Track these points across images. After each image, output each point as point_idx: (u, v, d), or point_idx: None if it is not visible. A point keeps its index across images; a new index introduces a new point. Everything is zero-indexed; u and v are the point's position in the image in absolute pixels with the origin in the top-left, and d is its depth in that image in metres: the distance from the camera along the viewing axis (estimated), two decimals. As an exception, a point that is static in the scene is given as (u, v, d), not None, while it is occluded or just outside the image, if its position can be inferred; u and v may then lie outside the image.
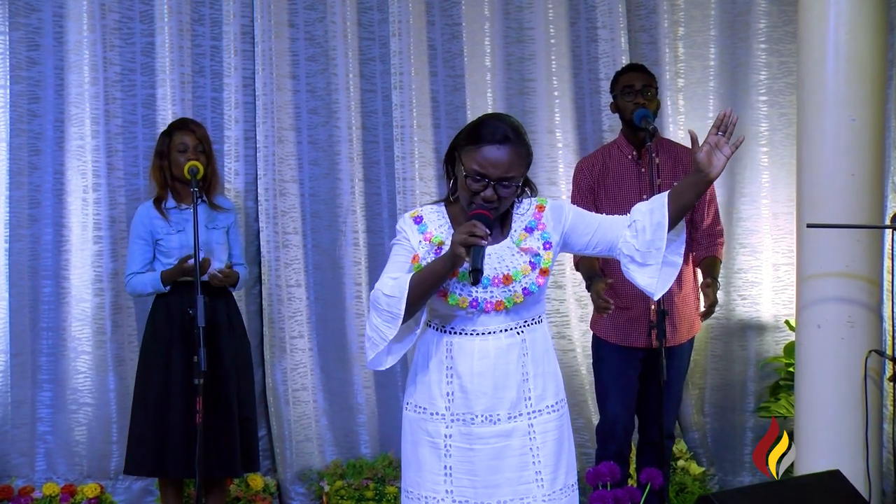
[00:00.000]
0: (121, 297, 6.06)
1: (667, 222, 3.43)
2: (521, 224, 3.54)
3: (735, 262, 6.45)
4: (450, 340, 3.52)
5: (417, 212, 3.59)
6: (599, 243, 3.56)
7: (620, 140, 5.31)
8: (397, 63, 6.28)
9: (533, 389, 3.53)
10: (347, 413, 6.41)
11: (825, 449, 4.84)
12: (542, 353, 3.57)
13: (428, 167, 6.35)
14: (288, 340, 6.26)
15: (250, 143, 6.24)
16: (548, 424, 3.55)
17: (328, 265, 6.38)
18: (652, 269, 3.48)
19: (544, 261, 3.50)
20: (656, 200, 3.49)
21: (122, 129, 6.12)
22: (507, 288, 3.46)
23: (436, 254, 3.48)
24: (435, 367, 3.54)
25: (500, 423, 3.49)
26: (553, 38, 6.45)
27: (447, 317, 3.53)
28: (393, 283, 3.39)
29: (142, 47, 6.14)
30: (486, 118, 3.48)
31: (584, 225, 3.56)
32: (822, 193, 4.84)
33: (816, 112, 4.86)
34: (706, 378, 6.54)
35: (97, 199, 6.06)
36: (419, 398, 3.58)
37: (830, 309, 4.84)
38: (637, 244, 3.48)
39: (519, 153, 3.39)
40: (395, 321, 3.38)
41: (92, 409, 6.12)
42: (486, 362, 3.48)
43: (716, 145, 3.39)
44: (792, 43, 6.20)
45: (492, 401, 3.48)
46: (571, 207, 3.60)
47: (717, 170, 3.40)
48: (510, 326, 3.51)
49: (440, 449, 3.52)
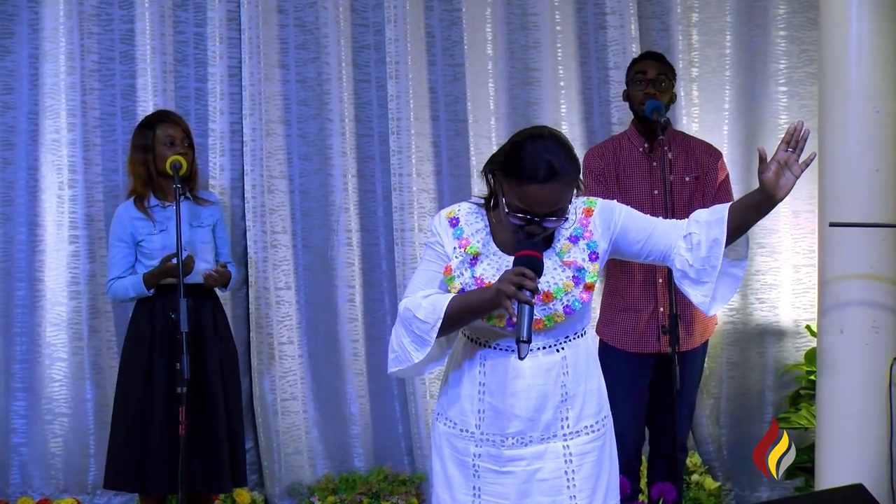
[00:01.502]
0: (99, 301, 6.06)
1: (724, 239, 3.34)
2: (566, 233, 3.43)
3: (753, 263, 6.43)
4: (484, 354, 3.46)
5: (454, 211, 3.49)
6: (652, 252, 3.47)
7: (631, 131, 5.32)
8: (393, 51, 6.27)
9: (571, 410, 3.46)
10: (340, 424, 6.41)
11: (848, 462, 4.82)
12: (584, 369, 3.50)
13: (426, 162, 6.36)
14: (277, 347, 6.26)
15: (236, 137, 6.23)
16: (586, 446, 3.49)
17: (319, 267, 6.38)
18: (707, 287, 3.39)
19: (589, 275, 3.39)
20: (716, 213, 3.40)
21: (100, 122, 6.13)
22: (547, 306, 3.36)
23: (470, 266, 3.41)
24: (468, 381, 3.49)
25: (532, 445, 3.44)
26: (559, 25, 6.45)
27: (483, 331, 3.46)
28: (427, 306, 3.33)
29: (121, 34, 6.14)
30: (524, 143, 3.29)
31: (635, 231, 3.46)
32: (846, 190, 4.84)
33: (839, 103, 4.85)
34: (722, 387, 6.54)
35: (73, 196, 6.06)
36: (451, 412, 3.54)
37: (854, 313, 4.84)
38: (691, 259, 3.40)
39: (567, 182, 3.27)
40: (424, 346, 3.35)
41: (68, 420, 6.12)
42: (522, 382, 3.41)
43: (785, 163, 3.27)
44: (813, 30, 6.20)
45: (526, 424, 3.43)
46: (623, 209, 3.48)
47: (785, 191, 3.29)
48: (549, 344, 3.43)
49: (469, 468, 3.49)
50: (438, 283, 3.44)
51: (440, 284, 3.43)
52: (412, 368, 3.43)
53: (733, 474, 6.50)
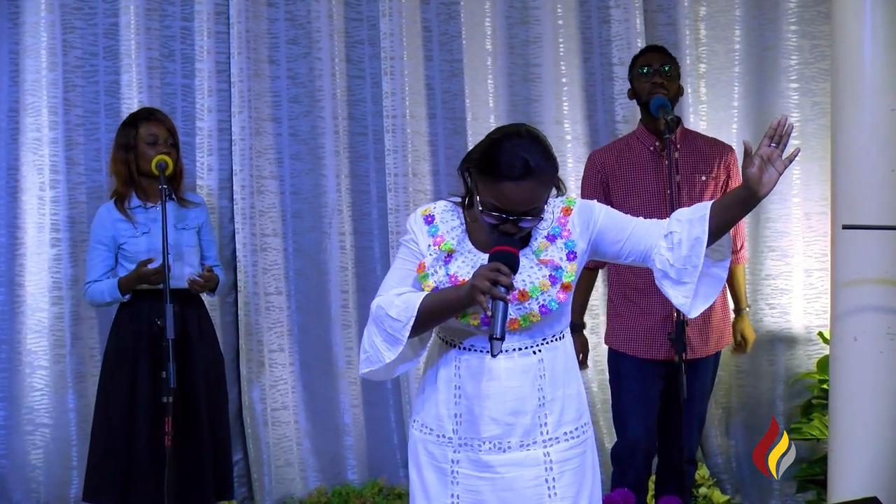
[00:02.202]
0: (81, 307, 6.04)
1: (706, 238, 3.36)
2: (543, 231, 3.46)
3: (763, 267, 6.45)
4: (458, 357, 3.49)
5: (430, 209, 3.54)
6: (632, 252, 3.49)
7: (640, 130, 5.30)
8: (388, 46, 6.27)
9: (550, 415, 3.47)
10: (333, 435, 6.40)
11: (862, 474, 4.82)
12: (562, 373, 3.51)
13: (422, 162, 6.35)
14: (266, 354, 6.26)
15: (225, 136, 6.23)
16: (567, 453, 3.49)
17: (311, 271, 6.38)
18: (687, 287, 3.41)
19: (566, 274, 3.42)
20: (697, 211, 3.42)
21: (83, 120, 6.12)
22: (523, 305, 3.39)
23: (444, 263, 3.44)
24: (443, 385, 3.52)
25: (511, 452, 3.46)
26: (561, 19, 6.45)
27: (457, 331, 3.49)
28: (399, 304, 3.36)
29: (105, 29, 6.14)
30: (501, 140, 3.31)
31: (615, 231, 3.48)
32: (860, 191, 4.83)
33: (852, 100, 4.85)
34: (731, 396, 6.54)
35: (55, 197, 6.05)
36: (426, 417, 3.56)
37: (868, 319, 4.83)
38: (672, 259, 3.42)
39: (544, 181, 3.29)
40: (396, 346, 3.38)
41: (49, 431, 6.10)
42: (497, 385, 3.44)
43: (768, 159, 3.30)
44: (825, 24, 6.20)
45: (502, 427, 3.44)
46: (602, 209, 3.51)
47: (768, 187, 3.32)
48: (526, 345, 3.46)
49: (447, 475, 3.51)
50: (412, 282, 3.47)
51: (414, 283, 3.46)
52: (384, 369, 3.46)
53: (743, 487, 6.48)
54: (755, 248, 6.39)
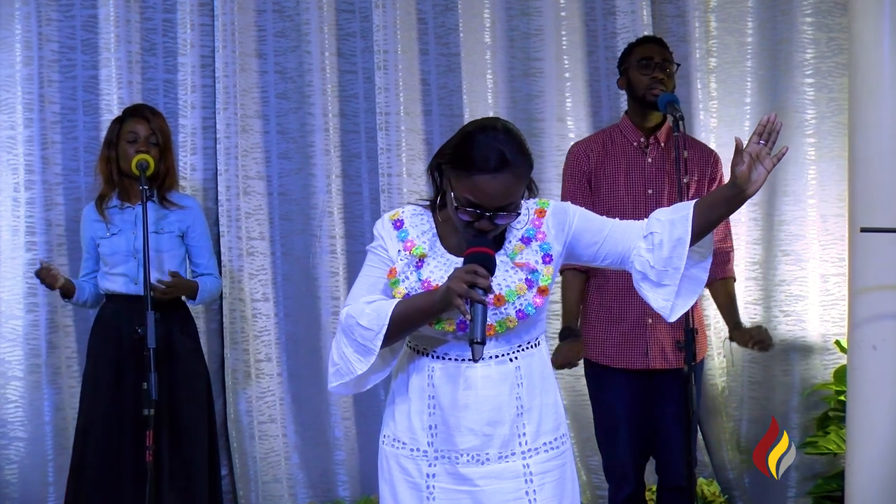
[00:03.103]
0: (58, 314, 6.05)
1: (689, 238, 3.39)
2: (518, 234, 3.49)
3: (777, 272, 6.45)
4: (432, 366, 3.50)
5: (398, 213, 3.56)
6: (609, 255, 3.52)
7: (624, 123, 5.27)
8: (381, 39, 6.27)
9: (528, 425, 3.50)
10: (323, 449, 6.41)
11: (880, 490, 4.84)
12: (539, 381, 3.53)
13: (417, 161, 6.35)
14: (253, 364, 6.26)
15: (209, 134, 6.24)
16: (547, 464, 3.51)
17: (300, 276, 6.38)
18: (668, 290, 3.45)
19: (543, 278, 3.45)
20: (679, 210, 3.45)
21: (60, 117, 6.12)
22: (499, 310, 3.41)
23: (416, 268, 3.46)
24: (416, 395, 3.53)
25: (490, 464, 3.47)
26: (564, 11, 6.47)
27: (429, 339, 3.50)
28: (370, 312, 3.37)
29: (83, 21, 6.13)
30: (475, 133, 3.36)
31: (590, 233, 3.51)
32: (879, 192, 4.85)
33: (871, 96, 4.88)
34: (742, 408, 6.54)
35: (30, 198, 6.04)
36: (398, 430, 3.57)
37: (888, 327, 4.84)
38: (652, 260, 3.45)
39: (518, 175, 3.34)
40: (368, 356, 3.39)
41: (25, 445, 6.09)
42: (473, 394, 3.45)
43: (756, 156, 3.32)
44: (842, 16, 6.20)
45: (480, 439, 3.46)
46: (577, 211, 3.54)
47: (756, 186, 3.34)
48: (503, 352, 3.47)
49: (422, 491, 3.51)
50: (382, 289, 3.48)
51: (384, 290, 3.48)
52: (354, 382, 3.47)
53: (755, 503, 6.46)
54: (768, 252, 6.39)
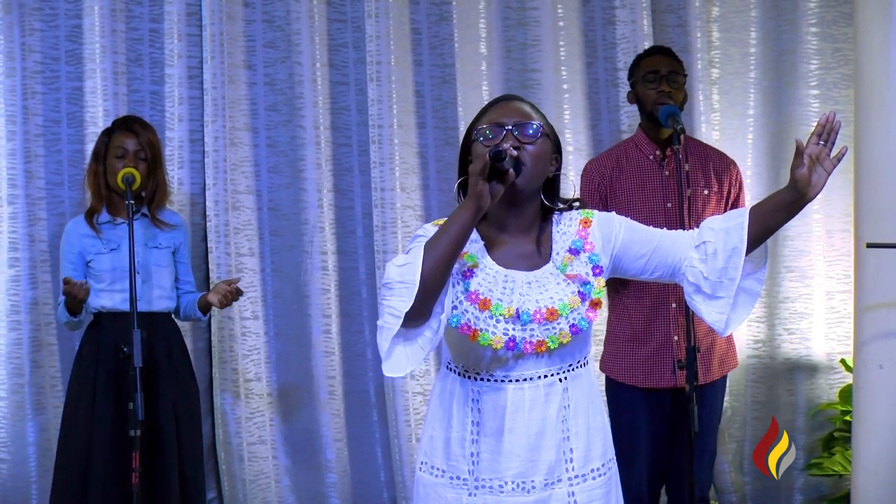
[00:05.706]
0: (42, 332, 6.05)
1: (744, 247, 3.32)
2: (565, 244, 3.41)
3: (781, 289, 6.45)
4: (476, 389, 3.41)
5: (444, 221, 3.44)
6: (658, 267, 3.44)
7: (639, 136, 5.30)
8: (374, 50, 6.27)
9: (576, 450, 3.42)
10: (314, 471, 6.40)
11: (888, 513, 4.85)
12: (587, 403, 3.45)
13: (411, 175, 6.35)
14: (242, 384, 6.26)
15: (197, 147, 6.25)
16: (593, 492, 3.43)
17: (291, 293, 6.38)
18: (723, 302, 3.36)
19: (595, 290, 3.36)
20: (733, 218, 3.38)
21: (44, 130, 6.12)
22: (552, 325, 3.32)
23: (464, 278, 3.34)
24: (458, 422, 3.44)
25: (535, 492, 3.39)
26: (562, 21, 6.45)
27: (475, 359, 3.41)
28: (405, 256, 3.24)
29: (67, 31, 6.14)
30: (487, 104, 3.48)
31: (638, 244, 3.44)
32: (885, 206, 4.86)
33: (877, 109, 4.88)
34: (746, 429, 6.53)
35: (13, 213, 6.05)
36: (435, 458, 3.49)
37: (895, 346, 4.84)
38: (706, 271, 3.37)
39: (535, 109, 3.40)
40: (409, 291, 3.15)
41: (7, 466, 6.10)
42: (521, 417, 3.36)
43: (816, 158, 3.26)
44: (848, 26, 6.21)
45: (526, 465, 3.37)
46: (623, 221, 3.46)
47: (817, 188, 3.27)
48: (552, 371, 3.38)
49: None
50: None
51: None
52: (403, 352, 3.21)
53: (759, 527, 6.48)
54: (772, 268, 6.37)
